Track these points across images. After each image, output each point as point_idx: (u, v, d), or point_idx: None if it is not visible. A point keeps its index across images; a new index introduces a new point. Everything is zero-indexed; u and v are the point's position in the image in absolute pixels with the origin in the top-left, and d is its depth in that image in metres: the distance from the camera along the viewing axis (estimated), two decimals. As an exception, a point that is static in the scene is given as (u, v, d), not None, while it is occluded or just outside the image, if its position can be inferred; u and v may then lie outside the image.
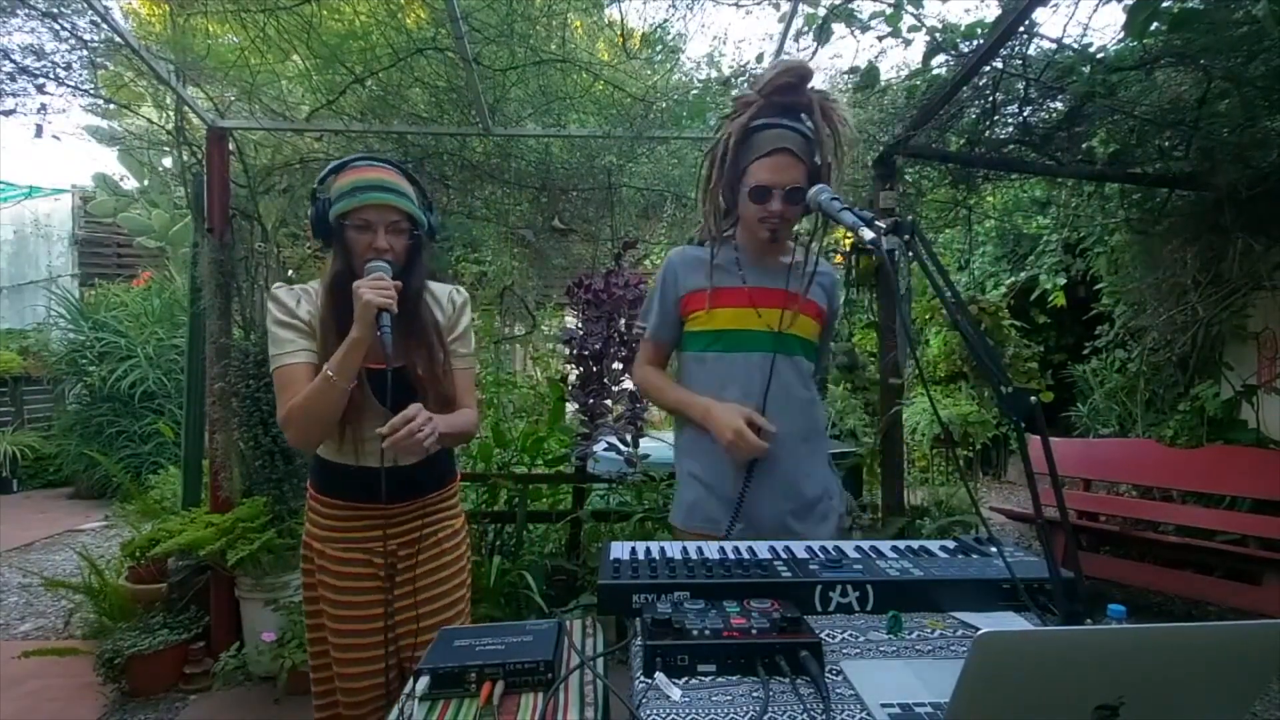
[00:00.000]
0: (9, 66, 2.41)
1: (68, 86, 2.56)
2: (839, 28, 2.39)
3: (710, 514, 1.42)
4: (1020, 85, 2.56)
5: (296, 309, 1.36)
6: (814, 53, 2.50)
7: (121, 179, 6.92)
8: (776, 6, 2.43)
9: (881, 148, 2.74)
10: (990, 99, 2.63)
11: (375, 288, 1.24)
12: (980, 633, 0.58)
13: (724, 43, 8.71)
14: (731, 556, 1.10)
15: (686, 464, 1.48)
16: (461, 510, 1.59)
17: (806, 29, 2.45)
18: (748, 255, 1.47)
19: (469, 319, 1.52)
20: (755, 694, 0.78)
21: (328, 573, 1.43)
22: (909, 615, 0.98)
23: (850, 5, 2.36)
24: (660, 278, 1.52)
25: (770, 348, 1.39)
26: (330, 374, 1.25)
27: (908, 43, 2.40)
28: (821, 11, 2.37)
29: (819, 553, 1.13)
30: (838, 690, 0.79)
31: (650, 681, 0.80)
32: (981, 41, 2.22)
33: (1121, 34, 2.22)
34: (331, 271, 1.37)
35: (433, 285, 1.50)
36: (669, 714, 0.74)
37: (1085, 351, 4.82)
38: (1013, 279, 5.58)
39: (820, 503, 1.44)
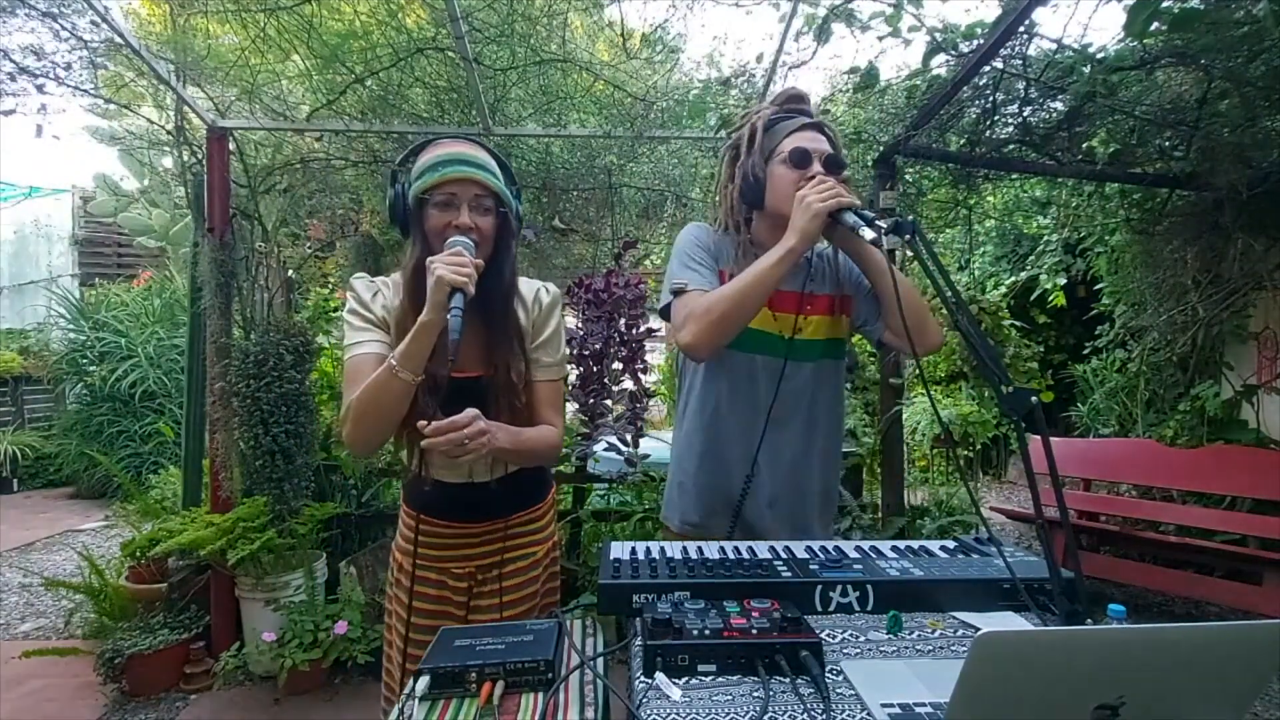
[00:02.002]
0: (9, 66, 2.41)
1: (68, 86, 2.56)
2: (839, 28, 2.39)
3: (694, 516, 1.39)
4: (1020, 85, 2.56)
5: (371, 301, 1.26)
6: (814, 53, 2.51)
7: (122, 179, 6.92)
8: (776, 6, 2.43)
9: (881, 148, 2.74)
10: (990, 99, 2.63)
11: (451, 263, 1.09)
12: (980, 633, 0.58)
13: (724, 43, 8.71)
14: (731, 556, 1.10)
15: (683, 462, 1.43)
16: (553, 535, 1.44)
17: (806, 29, 2.45)
18: (765, 251, 1.34)
19: (558, 321, 1.34)
20: (755, 694, 0.78)
21: (402, 588, 1.36)
22: (909, 615, 0.98)
23: (850, 5, 2.36)
24: (690, 240, 1.37)
25: (783, 353, 1.33)
26: (394, 363, 1.11)
27: (908, 43, 2.40)
28: (821, 11, 2.37)
29: (819, 553, 1.13)
30: (838, 690, 0.79)
31: (650, 681, 0.80)
32: (981, 41, 2.22)
33: (1121, 34, 2.22)
34: (412, 260, 1.21)
35: (519, 282, 1.34)
36: (669, 714, 0.74)
37: (1085, 351, 4.83)
38: (1013, 279, 5.58)
39: (817, 516, 1.41)
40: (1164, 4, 2.01)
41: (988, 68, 2.37)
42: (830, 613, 1.00)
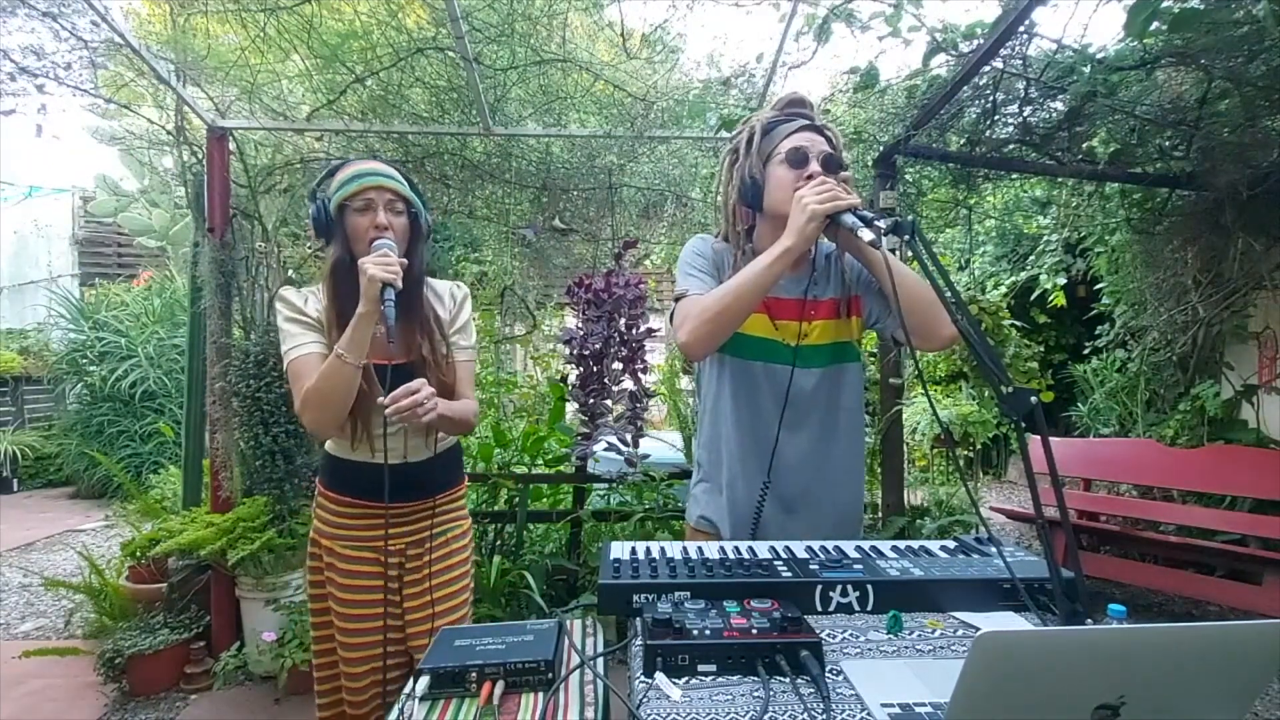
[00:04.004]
0: (9, 66, 2.41)
1: (68, 86, 2.56)
2: (839, 28, 2.39)
3: (713, 514, 1.39)
4: (1020, 85, 2.56)
5: (304, 306, 1.40)
6: (814, 53, 2.51)
7: (122, 179, 6.92)
8: (776, 6, 2.43)
9: (881, 148, 2.74)
10: (990, 99, 2.63)
11: (380, 263, 1.27)
12: (980, 633, 0.58)
13: (724, 43, 8.71)
14: (732, 556, 1.10)
15: (701, 468, 1.44)
16: (468, 513, 1.62)
17: (806, 29, 2.45)
18: None
19: (469, 313, 1.57)
20: (755, 694, 0.78)
21: (336, 570, 1.44)
22: (909, 615, 0.98)
23: (850, 5, 2.36)
24: (691, 251, 1.39)
25: (788, 360, 1.32)
26: (340, 352, 1.27)
27: (908, 43, 2.40)
28: (821, 12, 2.37)
29: (819, 553, 1.13)
30: (838, 690, 0.79)
31: (650, 681, 0.80)
32: (981, 41, 2.23)
33: (1121, 34, 2.22)
34: (331, 261, 1.39)
35: (433, 281, 1.54)
36: (669, 714, 0.74)
37: (1085, 351, 4.82)
38: (1013, 279, 5.58)
39: (838, 524, 1.37)
40: (1164, 4, 2.01)
41: (988, 68, 2.37)
42: (830, 613, 1.00)
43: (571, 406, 2.76)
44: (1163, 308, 3.72)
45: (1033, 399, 0.86)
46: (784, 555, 1.11)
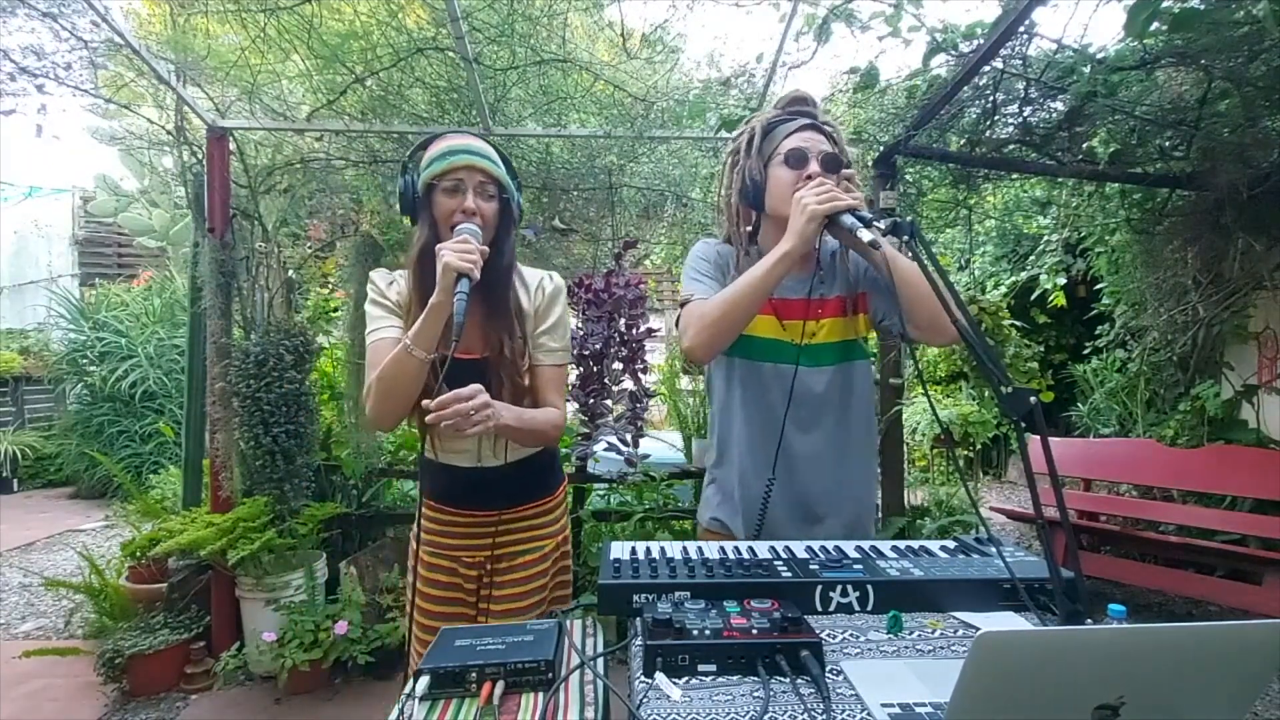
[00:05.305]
0: (9, 66, 2.41)
1: (68, 86, 2.56)
2: (839, 28, 2.39)
3: (724, 515, 1.39)
4: (1020, 85, 2.56)
5: (387, 290, 1.33)
6: (814, 53, 2.51)
7: (122, 179, 6.92)
8: (776, 6, 2.43)
9: (882, 148, 2.74)
10: (990, 99, 2.63)
11: (458, 250, 1.16)
12: (980, 633, 0.58)
13: (724, 43, 8.70)
14: (732, 556, 1.10)
15: (712, 468, 1.44)
16: (564, 529, 1.46)
17: (806, 29, 2.45)
18: None
19: (562, 309, 1.39)
20: (755, 694, 0.78)
21: (417, 575, 1.38)
22: (909, 615, 0.98)
23: (850, 5, 2.36)
24: (696, 255, 1.40)
25: (793, 360, 1.32)
26: (407, 342, 1.18)
27: (908, 43, 2.40)
28: (821, 12, 2.37)
29: (819, 553, 1.13)
30: (838, 690, 0.79)
31: (650, 681, 0.80)
32: (981, 41, 2.23)
33: (1121, 34, 2.22)
34: (418, 245, 1.28)
35: (524, 270, 1.41)
36: (669, 714, 0.74)
37: (1085, 351, 4.82)
38: (1013, 279, 5.58)
39: (856, 523, 1.37)
40: (1164, 4, 2.01)
41: (988, 68, 2.37)
42: (830, 613, 0.99)
43: (571, 406, 2.76)
44: (1163, 308, 3.72)
45: (1032, 399, 0.86)
46: (784, 555, 1.11)
